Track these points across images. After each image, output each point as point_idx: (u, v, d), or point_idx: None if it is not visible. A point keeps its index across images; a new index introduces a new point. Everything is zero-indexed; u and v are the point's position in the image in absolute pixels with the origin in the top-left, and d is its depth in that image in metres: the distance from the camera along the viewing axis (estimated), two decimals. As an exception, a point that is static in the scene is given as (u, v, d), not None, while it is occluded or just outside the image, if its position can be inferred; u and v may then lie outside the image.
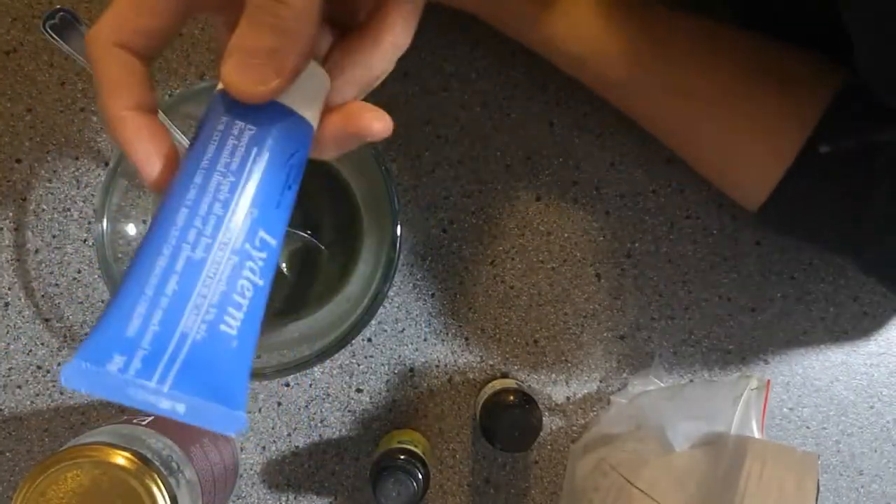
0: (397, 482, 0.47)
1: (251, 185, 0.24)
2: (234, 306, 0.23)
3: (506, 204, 0.54)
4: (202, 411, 0.22)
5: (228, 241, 0.23)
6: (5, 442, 0.55)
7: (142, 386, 0.22)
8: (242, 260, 0.23)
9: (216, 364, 0.23)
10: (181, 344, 0.22)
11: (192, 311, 0.22)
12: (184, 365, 0.22)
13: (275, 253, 0.25)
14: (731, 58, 0.45)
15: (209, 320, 0.23)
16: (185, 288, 0.23)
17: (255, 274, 0.24)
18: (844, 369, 0.56)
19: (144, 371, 0.22)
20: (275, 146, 0.25)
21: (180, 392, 0.22)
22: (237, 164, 0.24)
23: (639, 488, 0.48)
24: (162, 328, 0.22)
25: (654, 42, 0.45)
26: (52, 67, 0.53)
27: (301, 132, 0.26)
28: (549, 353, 0.55)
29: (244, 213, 0.24)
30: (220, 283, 0.23)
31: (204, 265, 0.23)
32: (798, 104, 0.43)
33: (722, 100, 0.45)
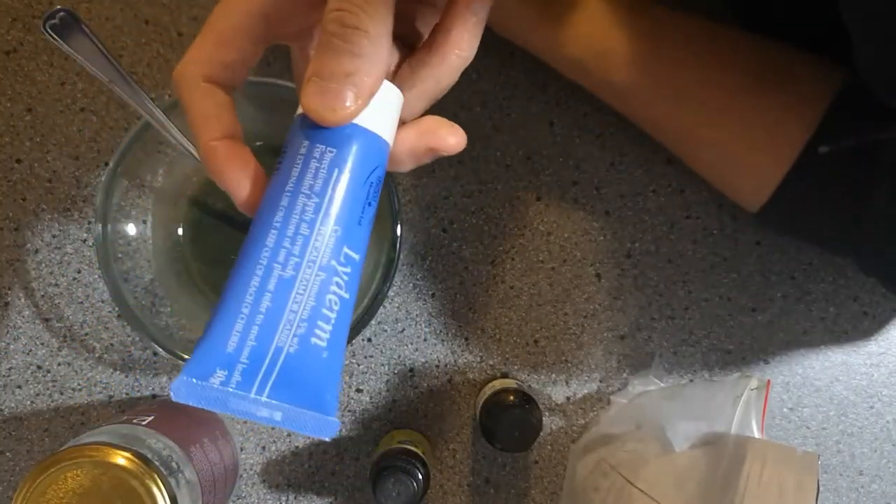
0: (397, 482, 0.47)
1: (334, 204, 0.25)
2: (324, 320, 0.25)
3: (506, 204, 0.54)
4: (298, 418, 0.24)
5: (315, 259, 0.25)
6: (5, 442, 0.55)
7: (243, 397, 0.24)
8: (329, 276, 0.25)
9: (309, 374, 0.25)
10: (276, 357, 0.24)
11: (286, 326, 0.25)
12: (279, 376, 0.24)
13: (358, 267, 0.26)
14: (731, 60, 0.45)
15: (300, 334, 0.25)
16: (277, 305, 0.25)
17: (341, 288, 0.25)
18: (844, 369, 0.56)
19: (244, 384, 0.24)
20: (355, 166, 0.26)
21: (277, 401, 0.24)
22: (320, 185, 0.25)
23: (639, 488, 0.48)
24: (258, 343, 0.24)
25: (655, 45, 0.45)
26: (52, 67, 0.53)
27: (378, 150, 0.27)
28: (549, 353, 0.55)
29: (329, 232, 0.25)
30: (310, 298, 0.25)
31: (294, 283, 0.25)
32: (798, 106, 0.43)
33: (722, 102, 0.45)
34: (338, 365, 0.26)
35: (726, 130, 0.45)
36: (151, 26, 0.53)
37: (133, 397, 0.55)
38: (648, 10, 0.46)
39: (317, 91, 0.25)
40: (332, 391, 0.25)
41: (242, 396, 0.24)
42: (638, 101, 0.47)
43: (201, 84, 0.27)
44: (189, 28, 0.53)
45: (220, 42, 0.27)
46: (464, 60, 0.28)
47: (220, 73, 0.27)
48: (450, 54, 0.28)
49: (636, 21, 0.45)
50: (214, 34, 0.27)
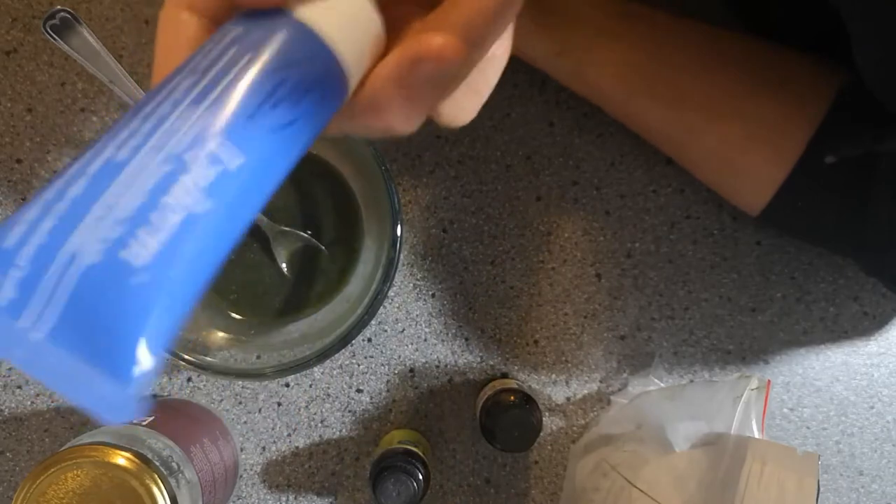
0: (397, 482, 0.47)
1: (216, 87, 0.19)
2: (150, 228, 0.17)
3: (506, 204, 0.54)
4: (77, 376, 0.16)
5: (163, 146, 0.18)
6: (5, 442, 0.55)
7: (8, 325, 0.16)
8: (176, 171, 0.17)
9: (109, 308, 0.16)
10: (67, 268, 0.16)
11: (92, 223, 0.16)
12: (70, 301, 0.16)
13: (237, 182, 0.18)
14: (730, 64, 0.45)
15: (109, 239, 0.16)
16: (89, 194, 0.17)
17: (195, 191, 0.17)
18: (844, 369, 0.56)
19: (17, 302, 0.16)
20: (262, 49, 0.20)
21: (56, 343, 0.16)
22: (206, 63, 0.19)
23: (639, 488, 0.48)
24: (49, 241, 0.16)
25: (653, 51, 0.45)
26: (52, 68, 0.53)
27: (311, 50, 0.20)
28: (549, 353, 0.55)
29: (195, 116, 0.18)
30: (137, 194, 0.17)
31: (122, 169, 0.17)
32: (798, 108, 0.43)
33: (722, 107, 0.44)
34: (159, 306, 0.17)
35: (726, 135, 0.45)
36: (151, 26, 0.53)
37: (133, 397, 0.55)
38: (646, 16, 0.46)
39: None
40: (134, 342, 0.16)
41: (7, 323, 0.16)
42: (637, 108, 0.47)
43: (181, 13, 0.22)
44: (189, 28, 0.53)
45: None
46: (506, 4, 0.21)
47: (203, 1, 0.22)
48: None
49: (633, 27, 0.45)
50: None
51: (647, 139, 0.49)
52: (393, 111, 0.21)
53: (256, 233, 0.51)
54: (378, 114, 0.21)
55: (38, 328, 0.16)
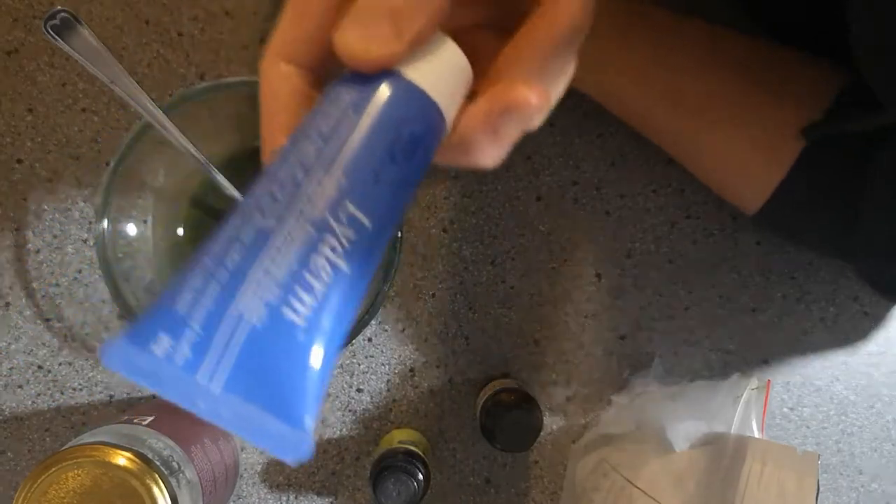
0: (397, 482, 0.47)
1: (343, 151, 0.20)
2: (305, 288, 0.19)
3: (506, 204, 0.54)
4: (253, 421, 0.18)
5: (305, 210, 0.19)
6: (6, 442, 0.55)
7: (188, 381, 0.18)
8: (321, 233, 0.19)
9: (276, 359, 0.18)
10: (235, 328, 0.18)
11: (253, 288, 0.18)
12: (240, 358, 0.18)
13: (370, 237, 0.20)
14: (730, 64, 0.45)
15: (271, 302, 0.18)
16: (247, 259, 0.19)
17: (336, 254, 0.20)
18: (844, 369, 0.56)
19: (193, 360, 0.18)
20: (378, 112, 0.21)
21: (231, 394, 0.18)
22: (329, 127, 0.21)
23: (639, 488, 0.48)
24: (216, 306, 0.18)
25: (653, 50, 0.45)
26: (53, 68, 0.53)
27: (418, 105, 0.22)
28: (549, 353, 0.55)
29: (330, 182, 0.20)
30: (290, 258, 0.19)
31: (272, 234, 0.19)
32: (796, 109, 0.43)
33: (721, 107, 0.45)
34: (320, 357, 0.19)
35: (724, 134, 0.45)
36: (152, 26, 0.53)
37: (134, 397, 0.55)
38: (646, 15, 0.46)
39: (352, 26, 0.21)
40: (303, 391, 0.19)
41: (187, 379, 0.18)
42: (636, 106, 0.47)
43: (279, 65, 0.23)
44: (189, 28, 0.53)
45: (297, 13, 0.23)
46: (573, 26, 0.22)
47: (303, 51, 0.23)
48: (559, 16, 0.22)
49: (633, 26, 0.45)
50: (291, 6, 0.23)
51: (644, 134, 0.49)
52: (482, 151, 0.23)
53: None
54: (469, 154, 0.23)
55: (215, 382, 0.18)
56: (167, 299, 0.19)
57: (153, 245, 0.49)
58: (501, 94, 0.22)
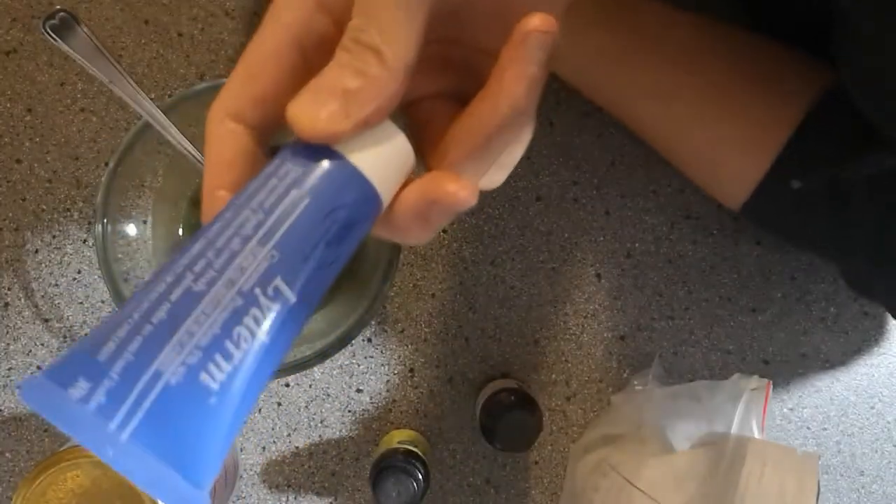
0: (397, 482, 0.47)
1: (280, 227, 0.21)
2: (224, 355, 0.20)
3: (506, 204, 0.54)
4: (156, 476, 0.19)
5: (236, 280, 0.20)
6: (5, 442, 0.55)
7: (99, 427, 0.18)
8: (247, 305, 0.20)
9: (187, 421, 0.19)
10: (153, 384, 0.19)
11: (175, 347, 0.19)
12: (150, 411, 0.19)
13: (292, 313, 0.21)
14: (715, 56, 0.45)
15: (190, 363, 0.19)
16: (173, 319, 0.20)
17: (258, 325, 0.21)
18: (844, 369, 0.56)
19: (107, 408, 0.19)
20: (318, 193, 0.22)
21: (138, 445, 0.18)
22: (271, 202, 0.22)
23: (639, 488, 0.48)
24: (137, 360, 0.19)
25: (637, 41, 0.45)
26: (51, 68, 0.53)
27: (359, 192, 0.23)
28: (549, 353, 0.55)
29: (263, 254, 0.21)
30: (215, 324, 0.20)
31: (201, 299, 0.20)
32: (781, 104, 0.43)
33: (705, 99, 0.44)
34: (227, 422, 0.20)
35: (708, 127, 0.45)
36: (151, 26, 0.53)
37: (133, 397, 0.55)
38: (633, 6, 0.45)
39: (305, 99, 0.22)
40: (208, 453, 0.19)
41: (98, 425, 0.18)
42: (620, 97, 0.47)
43: (226, 122, 0.24)
44: (189, 28, 0.53)
45: (249, 74, 0.24)
46: (515, 110, 0.23)
47: (250, 111, 0.24)
48: (501, 101, 0.23)
49: (619, 17, 0.45)
50: (243, 66, 0.24)
51: (630, 128, 0.49)
52: (412, 233, 0.25)
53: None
54: (399, 234, 0.25)
55: (125, 431, 0.18)
56: (90, 345, 0.19)
57: (153, 245, 0.49)
58: (432, 186, 0.23)
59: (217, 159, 0.24)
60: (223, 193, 0.24)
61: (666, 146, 0.49)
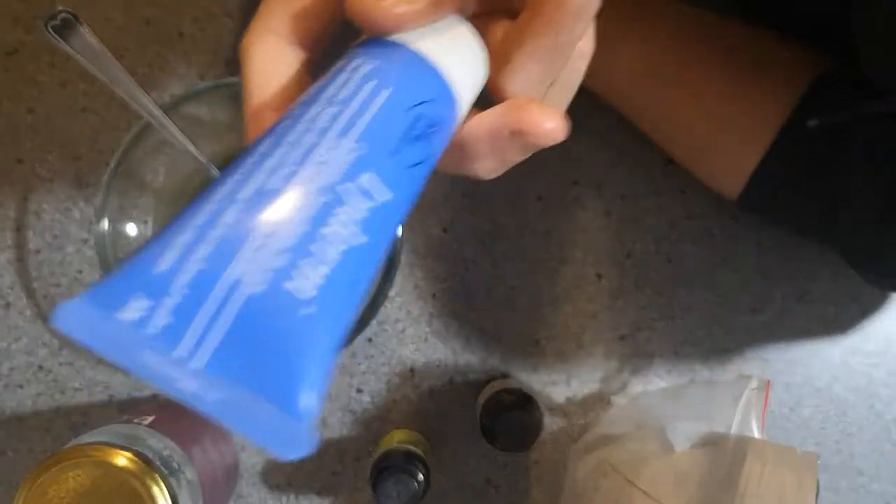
0: (397, 482, 0.47)
1: (361, 118, 0.19)
2: (315, 259, 0.16)
3: (506, 204, 0.54)
4: (244, 411, 0.15)
5: (318, 176, 0.17)
6: (6, 442, 0.55)
7: (163, 354, 0.14)
8: (335, 200, 0.17)
9: (278, 339, 0.15)
10: (230, 296, 0.15)
11: (251, 251, 0.15)
12: (232, 330, 0.15)
13: (387, 210, 0.18)
14: (709, 41, 0.44)
15: (275, 269, 0.15)
16: (247, 220, 0.16)
17: (352, 223, 0.17)
18: (844, 369, 0.56)
19: (172, 330, 0.15)
20: (398, 86, 0.19)
21: (219, 372, 0.15)
22: (347, 93, 0.19)
23: (639, 488, 0.48)
24: (208, 267, 0.15)
25: (631, 24, 0.45)
26: (53, 68, 0.53)
27: (435, 85, 0.20)
28: (549, 353, 0.55)
29: (346, 146, 0.18)
30: (301, 223, 0.16)
31: (276, 197, 0.16)
32: (776, 89, 0.43)
33: (698, 84, 0.44)
34: (326, 336, 0.16)
35: (702, 112, 0.45)
36: (152, 27, 0.53)
37: (134, 397, 0.55)
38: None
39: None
40: (308, 375, 0.15)
41: (163, 351, 0.14)
42: (613, 82, 0.47)
43: (268, 38, 0.21)
44: (190, 28, 0.53)
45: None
46: (582, 12, 0.21)
47: (292, 28, 0.21)
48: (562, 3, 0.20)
49: (612, 4, 0.45)
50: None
51: (624, 114, 0.49)
52: (483, 164, 0.22)
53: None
54: (469, 162, 0.22)
55: (198, 357, 0.15)
56: (145, 255, 0.15)
57: (153, 245, 0.49)
58: (518, 114, 0.20)
59: (261, 78, 0.21)
60: (271, 114, 0.20)
61: (661, 134, 0.48)
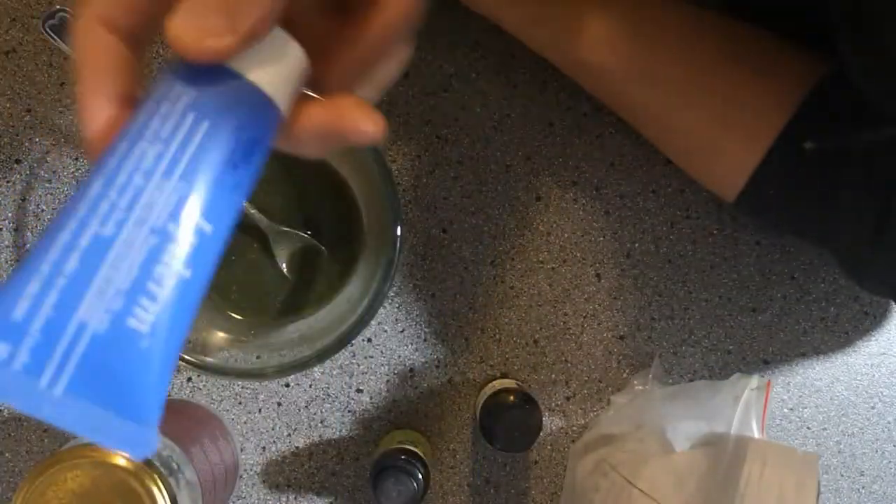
0: (397, 482, 0.47)
1: (184, 155, 0.20)
2: (148, 297, 0.19)
3: (506, 204, 0.54)
4: (100, 423, 0.18)
5: (147, 218, 0.19)
6: (5, 442, 0.55)
7: (30, 386, 0.18)
8: (163, 242, 0.20)
9: (121, 365, 0.19)
10: (79, 336, 0.18)
11: (95, 296, 0.19)
12: (82, 364, 0.18)
13: (211, 241, 0.21)
14: (708, 43, 0.44)
15: (115, 310, 0.19)
16: (87, 267, 0.19)
17: (177, 260, 0.20)
18: (845, 369, 0.56)
19: (33, 365, 0.18)
20: (218, 115, 0.21)
21: (75, 397, 0.18)
22: (168, 130, 0.20)
23: (639, 488, 0.48)
24: (56, 314, 0.18)
25: (630, 24, 0.44)
26: (51, 68, 0.53)
27: (258, 107, 0.22)
28: (549, 353, 0.55)
29: (170, 187, 0.20)
30: (133, 267, 0.19)
31: (113, 243, 0.19)
32: (775, 92, 0.43)
33: (696, 85, 0.44)
34: (163, 360, 0.20)
35: (700, 115, 0.44)
36: (151, 26, 0.53)
37: (133, 397, 0.55)
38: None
39: (183, 15, 0.20)
40: (149, 392, 0.19)
41: (29, 385, 0.18)
42: (611, 82, 0.46)
43: (97, 30, 0.22)
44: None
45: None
46: (404, 15, 0.23)
47: (123, 19, 0.22)
48: (387, 4, 0.22)
49: (611, 2, 0.44)
50: None
51: (623, 116, 0.49)
52: (308, 150, 0.24)
53: (256, 233, 0.51)
54: (295, 146, 0.24)
55: (58, 385, 0.18)
56: (3, 304, 0.18)
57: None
58: (342, 116, 0.23)
59: (93, 67, 0.22)
60: (103, 102, 0.21)
61: (659, 136, 0.48)
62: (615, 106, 0.48)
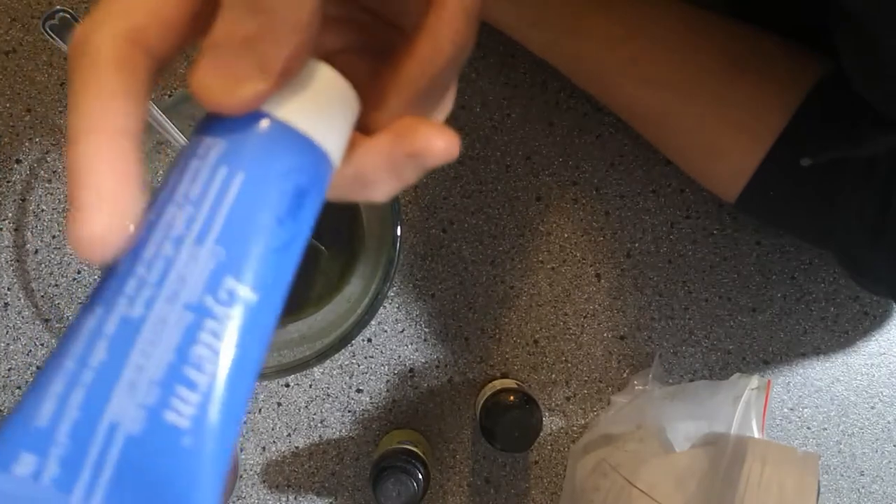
0: (397, 482, 0.47)
1: (216, 216, 0.17)
2: (187, 385, 0.16)
3: (506, 204, 0.54)
4: None
5: (179, 293, 0.17)
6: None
7: (61, 500, 0.15)
8: (200, 319, 0.17)
9: (163, 471, 0.16)
10: (110, 439, 0.16)
11: (125, 390, 0.16)
12: (117, 471, 0.16)
13: (257, 312, 0.17)
14: (708, 43, 0.44)
15: (149, 405, 0.16)
16: (115, 357, 0.16)
17: (219, 339, 0.17)
18: (845, 369, 0.56)
19: (64, 478, 0.15)
20: (254, 165, 0.18)
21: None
22: (198, 189, 0.17)
23: (639, 488, 0.48)
24: (83, 415, 0.16)
25: (629, 25, 0.44)
26: (51, 68, 0.53)
27: (303, 153, 0.19)
28: (549, 353, 0.55)
29: (204, 255, 0.17)
30: (167, 351, 0.16)
31: (142, 325, 0.16)
32: (776, 93, 0.43)
33: (696, 86, 0.44)
34: (213, 459, 0.17)
35: (700, 116, 0.44)
36: (151, 26, 0.53)
37: (133, 398, 0.55)
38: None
39: (205, 65, 0.18)
40: (197, 498, 0.16)
41: (60, 500, 0.15)
42: (610, 83, 0.46)
43: (119, 44, 0.18)
44: (189, 28, 0.53)
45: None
46: (460, 48, 0.20)
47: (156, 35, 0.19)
48: (443, 39, 0.20)
49: (612, 4, 0.44)
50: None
51: (623, 117, 0.49)
52: (380, 188, 0.21)
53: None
54: (367, 190, 0.21)
55: (93, 500, 0.16)
56: (25, 411, 0.16)
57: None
58: (411, 138, 0.20)
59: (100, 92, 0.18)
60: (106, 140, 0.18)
61: (660, 136, 0.48)
62: (615, 106, 0.49)
